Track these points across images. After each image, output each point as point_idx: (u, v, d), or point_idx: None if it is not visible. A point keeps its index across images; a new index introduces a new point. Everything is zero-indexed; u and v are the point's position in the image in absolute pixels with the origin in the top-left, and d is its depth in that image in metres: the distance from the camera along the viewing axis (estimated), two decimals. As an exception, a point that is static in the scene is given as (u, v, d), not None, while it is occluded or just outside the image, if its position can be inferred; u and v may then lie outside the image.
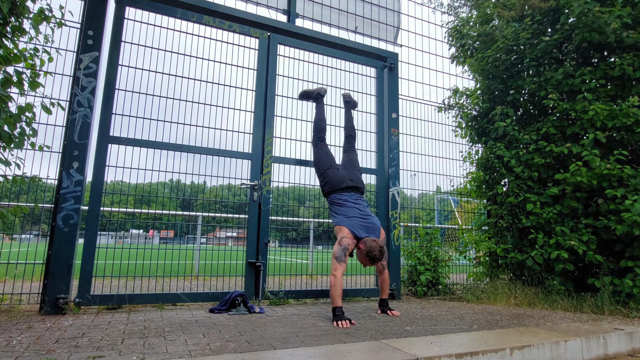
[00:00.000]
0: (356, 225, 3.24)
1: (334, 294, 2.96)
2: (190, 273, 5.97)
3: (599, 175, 3.87)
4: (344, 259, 3.09)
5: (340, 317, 2.88)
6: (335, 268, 3.02)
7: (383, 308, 3.40)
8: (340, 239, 3.16)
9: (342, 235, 3.19)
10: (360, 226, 3.24)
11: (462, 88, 5.35)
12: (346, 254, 3.10)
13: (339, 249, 3.09)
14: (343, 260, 3.07)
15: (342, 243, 3.11)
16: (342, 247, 3.09)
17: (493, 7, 5.10)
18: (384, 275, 3.48)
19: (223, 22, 3.96)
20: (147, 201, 4.22)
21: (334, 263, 3.05)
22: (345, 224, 3.25)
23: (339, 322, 2.83)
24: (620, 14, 3.94)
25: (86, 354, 1.93)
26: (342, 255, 3.07)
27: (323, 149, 3.82)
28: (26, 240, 4.56)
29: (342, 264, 3.06)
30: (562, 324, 3.03)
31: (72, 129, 3.17)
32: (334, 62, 4.55)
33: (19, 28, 2.82)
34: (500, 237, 4.63)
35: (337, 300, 2.95)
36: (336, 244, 3.16)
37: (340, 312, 2.90)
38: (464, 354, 2.09)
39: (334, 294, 2.96)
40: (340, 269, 3.02)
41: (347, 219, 3.29)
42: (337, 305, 2.93)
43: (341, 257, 3.07)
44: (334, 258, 3.07)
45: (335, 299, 2.95)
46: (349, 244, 3.13)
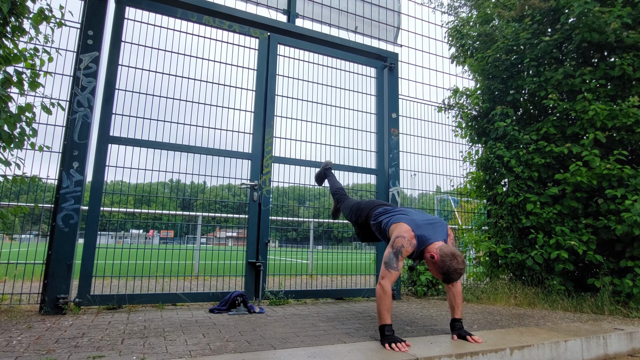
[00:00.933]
0: (419, 223, 2.46)
1: (380, 308, 2.28)
2: (190, 273, 5.96)
3: (599, 175, 3.88)
4: (396, 264, 2.32)
5: (391, 338, 2.21)
6: (383, 276, 2.32)
7: (459, 332, 2.45)
8: (394, 238, 2.40)
9: (397, 233, 2.41)
10: (422, 221, 2.48)
11: (462, 88, 5.35)
12: (400, 258, 2.35)
13: (390, 252, 2.35)
14: (394, 267, 2.32)
15: (396, 244, 2.36)
16: (395, 248, 2.35)
17: (493, 7, 5.10)
18: (457, 289, 2.56)
19: (223, 22, 3.96)
20: (147, 201, 4.22)
21: (382, 270, 2.34)
22: (403, 220, 2.50)
23: (391, 345, 2.16)
24: (620, 14, 3.94)
25: (86, 354, 1.93)
26: (392, 260, 2.33)
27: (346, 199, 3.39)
28: (26, 240, 4.55)
29: (393, 271, 2.31)
30: (562, 324, 3.03)
31: (72, 129, 3.17)
32: (334, 62, 4.55)
33: (19, 28, 2.82)
34: (500, 237, 4.63)
35: (386, 317, 2.27)
36: (388, 246, 2.43)
37: (391, 332, 2.25)
38: (464, 354, 2.09)
39: (381, 309, 2.28)
40: (388, 278, 2.30)
41: (407, 217, 2.54)
42: (386, 323, 2.26)
43: (391, 263, 2.33)
44: (383, 264, 2.36)
45: (383, 314, 2.27)
46: (404, 244, 2.35)
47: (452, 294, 2.56)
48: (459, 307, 2.53)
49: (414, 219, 2.49)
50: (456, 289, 2.55)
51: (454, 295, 2.54)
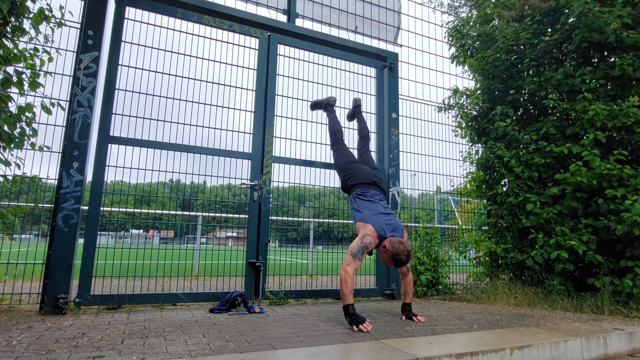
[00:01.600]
0: (382, 224, 3.00)
1: (344, 291, 2.73)
2: (190, 273, 5.96)
3: (599, 175, 3.88)
4: (361, 257, 2.82)
5: (355, 317, 2.65)
6: (349, 263, 2.77)
7: (407, 314, 3.10)
8: (363, 235, 2.91)
9: (365, 232, 2.94)
10: (387, 224, 3.02)
11: (462, 88, 5.35)
12: (364, 252, 2.85)
13: (359, 245, 2.84)
14: (359, 258, 2.81)
15: (364, 240, 2.88)
16: (363, 244, 2.85)
17: (493, 7, 5.10)
18: (408, 278, 3.19)
19: (223, 22, 3.96)
20: (147, 201, 4.22)
21: (348, 258, 2.79)
22: (371, 221, 3.00)
23: (359, 326, 2.58)
24: (620, 14, 3.94)
25: (86, 354, 1.93)
26: (359, 252, 2.82)
27: (342, 148, 3.74)
28: (26, 240, 4.55)
29: (357, 261, 2.80)
30: (562, 324, 3.03)
31: (72, 129, 3.17)
32: (334, 62, 4.55)
33: (19, 28, 2.82)
34: (500, 237, 4.63)
35: (349, 297, 2.73)
36: (357, 239, 2.90)
37: (354, 310, 2.70)
38: (464, 354, 2.09)
39: (345, 291, 2.73)
40: (353, 266, 2.77)
41: (373, 216, 3.05)
42: (349, 302, 2.72)
43: (358, 255, 2.80)
44: (349, 253, 2.81)
45: (347, 296, 2.73)
46: (371, 242, 2.90)
47: (404, 283, 3.21)
48: (409, 294, 3.19)
49: (379, 222, 3.02)
50: (408, 279, 3.18)
51: (406, 284, 3.19)
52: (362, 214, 3.11)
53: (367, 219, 3.03)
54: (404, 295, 3.20)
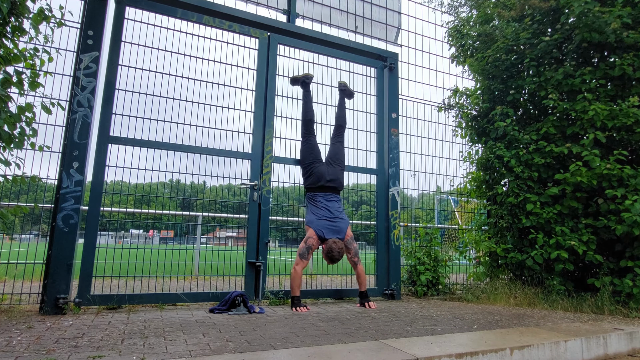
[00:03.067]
0: (323, 227, 3.62)
1: (293, 285, 3.50)
2: (190, 273, 5.96)
3: (599, 175, 3.87)
4: (307, 256, 3.54)
5: (298, 303, 3.43)
6: (297, 262, 3.50)
7: (361, 300, 3.71)
8: (306, 238, 3.59)
9: (308, 235, 3.61)
10: (327, 228, 3.62)
11: (462, 88, 5.35)
12: (309, 252, 3.55)
13: (304, 247, 3.54)
14: (305, 257, 3.53)
15: (307, 242, 3.56)
16: (306, 245, 3.55)
17: (493, 7, 5.10)
18: (358, 270, 3.77)
19: (223, 22, 3.96)
20: (147, 201, 4.22)
21: (297, 258, 3.51)
22: (313, 226, 3.63)
23: (297, 308, 3.37)
24: (620, 14, 3.94)
25: (86, 354, 1.93)
26: (304, 252, 3.53)
27: (310, 143, 3.99)
28: (26, 240, 4.55)
29: (304, 260, 3.52)
30: (562, 324, 3.03)
31: (72, 129, 3.17)
32: (334, 62, 4.55)
33: (19, 28, 2.82)
34: (500, 237, 4.62)
35: (296, 291, 3.49)
36: (302, 241, 3.59)
37: (298, 300, 3.46)
38: (464, 354, 2.09)
39: (293, 285, 3.50)
40: (301, 265, 3.50)
41: (316, 220, 3.66)
42: (296, 295, 3.48)
43: (304, 255, 3.53)
44: (297, 254, 3.53)
45: (294, 289, 3.49)
46: (313, 243, 3.57)
47: (357, 273, 3.80)
48: (363, 283, 3.77)
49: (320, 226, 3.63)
50: (359, 269, 3.76)
51: (358, 274, 3.78)
52: (308, 217, 3.74)
53: (310, 222, 3.67)
54: (359, 285, 3.80)
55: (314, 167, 3.87)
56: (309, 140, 4.00)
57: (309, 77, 4.19)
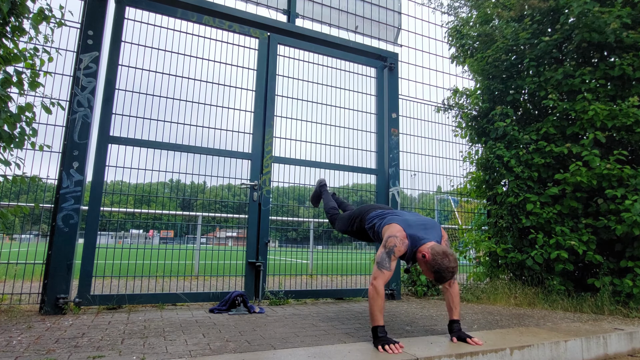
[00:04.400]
0: (412, 223, 2.45)
1: (373, 309, 2.24)
2: (190, 273, 5.96)
3: (599, 175, 3.88)
4: (388, 264, 2.29)
5: (384, 339, 2.17)
6: (375, 277, 2.28)
7: (458, 334, 2.39)
8: (386, 238, 2.38)
9: (389, 233, 2.39)
10: (415, 221, 2.48)
11: (462, 88, 5.35)
12: (392, 258, 2.32)
13: (383, 252, 2.33)
14: (386, 267, 2.29)
15: (388, 244, 2.34)
16: (387, 248, 2.33)
17: (493, 7, 5.10)
18: (454, 290, 2.50)
19: (223, 22, 3.96)
20: (147, 201, 4.22)
21: (375, 270, 2.31)
22: (395, 221, 2.49)
23: (385, 347, 2.12)
24: (620, 14, 3.94)
25: (86, 354, 1.93)
26: (385, 260, 2.30)
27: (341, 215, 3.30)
28: (26, 240, 4.55)
29: (386, 271, 2.28)
30: (562, 324, 3.03)
31: (72, 129, 3.17)
32: (334, 62, 4.55)
33: (19, 28, 2.82)
34: (500, 237, 4.63)
35: (378, 318, 2.23)
36: (381, 246, 2.40)
37: (384, 333, 2.21)
38: (464, 354, 2.09)
39: (374, 310, 2.24)
40: (381, 278, 2.26)
41: (399, 218, 2.53)
42: (378, 324, 2.22)
43: (384, 263, 2.29)
44: (375, 264, 2.34)
45: (376, 315, 2.23)
46: (397, 244, 2.33)
47: (449, 294, 2.50)
48: (456, 308, 2.48)
49: (407, 219, 2.48)
50: (453, 289, 2.49)
51: (452, 296, 2.49)
52: (385, 218, 2.61)
53: (392, 219, 2.53)
54: (449, 311, 2.52)
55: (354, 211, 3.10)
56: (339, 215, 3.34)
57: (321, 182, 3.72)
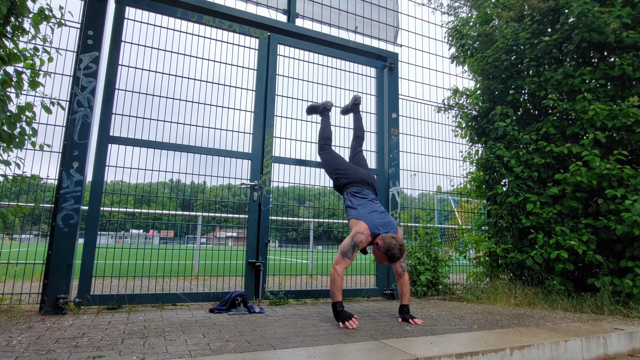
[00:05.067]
0: (376, 221, 2.99)
1: (333, 289, 2.80)
2: (190, 273, 5.96)
3: (599, 175, 3.88)
4: (351, 255, 2.84)
5: (342, 314, 2.74)
6: (338, 262, 2.81)
7: (404, 316, 3.00)
8: (354, 233, 2.90)
9: (357, 229, 2.93)
10: (380, 222, 3.00)
11: (462, 88, 5.35)
12: (355, 250, 2.86)
13: (349, 243, 2.85)
14: (349, 257, 2.83)
15: (355, 238, 2.88)
16: (353, 242, 2.86)
17: (493, 7, 5.11)
18: (404, 279, 3.11)
19: (223, 22, 3.96)
20: (147, 201, 4.22)
21: (338, 257, 2.83)
22: (364, 219, 3.00)
23: (345, 323, 2.70)
24: (620, 14, 3.95)
25: (86, 354, 1.92)
26: (349, 250, 2.83)
27: (331, 152, 3.72)
28: (26, 240, 4.55)
29: (347, 260, 2.82)
30: (562, 324, 3.03)
31: (72, 129, 3.17)
32: (334, 62, 4.55)
33: (19, 28, 2.82)
34: (500, 237, 4.63)
35: (338, 295, 2.80)
36: (348, 237, 2.92)
37: (342, 307, 2.78)
38: (464, 354, 2.09)
39: (334, 289, 2.80)
40: (342, 264, 2.81)
41: (367, 214, 3.05)
42: (338, 300, 2.78)
43: (348, 253, 2.83)
44: (339, 252, 2.84)
45: (336, 293, 2.80)
46: (362, 240, 2.89)
47: (400, 284, 3.12)
48: (406, 295, 3.09)
49: (373, 219, 3.01)
50: (403, 279, 3.10)
51: (402, 285, 3.11)
52: (356, 210, 3.12)
53: (361, 216, 3.04)
54: (401, 297, 3.12)
55: (348, 165, 3.54)
56: (330, 150, 3.72)
57: (328, 105, 3.96)
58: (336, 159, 3.62)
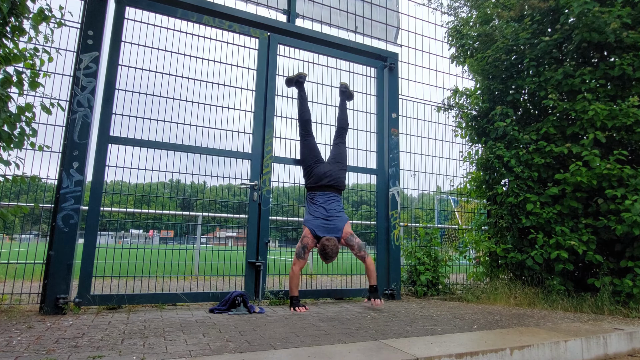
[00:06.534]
0: (318, 226, 3.62)
1: (291, 285, 3.51)
2: (190, 273, 5.96)
3: (599, 175, 3.88)
4: (303, 255, 3.55)
5: (297, 303, 3.43)
6: (294, 262, 3.52)
7: (370, 295, 3.65)
8: (302, 237, 3.62)
9: (303, 234, 3.64)
10: (321, 227, 3.62)
11: (462, 88, 5.35)
12: (305, 251, 3.56)
13: (299, 246, 3.57)
14: (302, 257, 3.54)
15: (303, 241, 3.59)
16: (302, 244, 3.56)
17: (493, 7, 5.11)
18: (367, 263, 3.69)
19: (223, 22, 3.96)
20: (147, 201, 4.22)
21: (294, 258, 3.53)
22: (308, 225, 3.64)
23: (297, 308, 3.38)
24: (620, 14, 3.94)
25: (86, 354, 1.92)
26: (301, 252, 3.55)
27: (309, 143, 4.01)
28: (26, 240, 4.55)
29: (301, 260, 3.53)
30: (562, 324, 3.03)
31: (72, 129, 3.17)
32: (334, 62, 4.55)
33: (19, 28, 2.82)
34: (500, 237, 4.63)
35: (294, 290, 3.50)
36: (299, 241, 3.61)
37: (297, 300, 3.46)
38: (464, 354, 2.09)
39: (291, 285, 3.51)
40: (298, 264, 3.51)
41: (312, 220, 3.66)
42: (294, 295, 3.48)
43: (300, 254, 3.54)
44: (295, 254, 3.55)
45: (292, 289, 3.50)
46: (308, 243, 3.58)
47: (365, 267, 3.72)
48: (372, 276, 3.69)
49: (315, 225, 3.63)
50: (367, 262, 3.68)
51: (367, 267, 3.70)
52: (305, 216, 3.75)
53: (306, 222, 3.68)
54: (368, 278, 3.72)
55: (314, 167, 3.88)
56: (308, 141, 4.01)
57: (302, 76, 4.18)
58: (309, 154, 3.96)
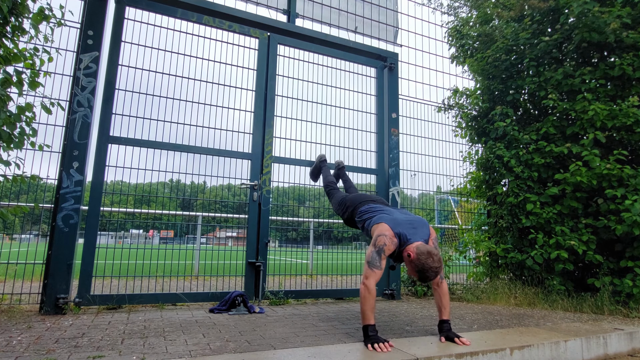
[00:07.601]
0: (400, 222, 2.47)
1: (363, 308, 2.27)
2: (190, 273, 5.96)
3: (599, 175, 3.88)
4: (379, 263, 2.30)
5: (374, 338, 2.19)
6: (367, 276, 2.29)
7: (447, 334, 2.40)
8: (376, 237, 2.39)
9: (378, 232, 2.41)
10: (406, 223, 2.48)
11: (462, 88, 5.35)
12: (382, 256, 2.32)
13: (373, 251, 2.34)
14: (377, 266, 2.30)
15: (378, 242, 2.35)
16: (377, 247, 2.34)
17: (493, 7, 5.11)
18: (443, 289, 2.51)
19: (223, 22, 3.96)
20: (147, 201, 4.22)
21: (366, 268, 2.32)
22: (384, 220, 2.50)
23: (374, 345, 2.14)
24: (620, 14, 3.94)
25: (86, 354, 1.93)
26: (375, 259, 2.31)
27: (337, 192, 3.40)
28: (26, 240, 4.55)
29: (376, 270, 2.29)
30: (562, 324, 3.03)
31: (72, 129, 3.17)
32: (334, 62, 4.55)
33: (19, 28, 2.82)
34: (500, 237, 4.63)
35: (369, 317, 2.25)
36: (370, 245, 2.42)
37: (374, 332, 2.23)
38: (464, 354, 2.09)
39: (364, 308, 2.26)
40: (372, 277, 2.28)
41: (386, 214, 2.59)
42: (369, 323, 2.24)
43: (374, 262, 2.30)
44: (366, 263, 2.34)
45: (366, 314, 2.26)
46: (386, 242, 2.35)
47: (438, 294, 2.51)
48: (446, 308, 2.49)
49: (395, 218, 2.50)
50: (442, 289, 2.50)
51: (440, 295, 2.50)
52: (375, 216, 2.65)
53: (380, 218, 2.55)
54: (440, 310, 2.51)
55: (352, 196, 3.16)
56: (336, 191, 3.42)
57: (322, 158, 3.79)
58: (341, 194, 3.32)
